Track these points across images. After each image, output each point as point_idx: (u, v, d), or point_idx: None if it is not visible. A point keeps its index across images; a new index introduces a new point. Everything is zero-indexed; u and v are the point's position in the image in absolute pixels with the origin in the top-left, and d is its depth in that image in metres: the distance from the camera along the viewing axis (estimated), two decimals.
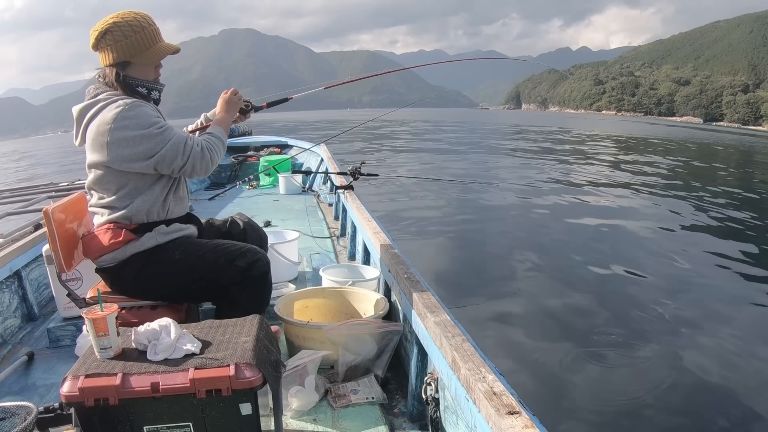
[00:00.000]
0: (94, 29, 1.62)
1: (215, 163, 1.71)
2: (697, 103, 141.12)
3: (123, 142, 1.56)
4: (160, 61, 1.70)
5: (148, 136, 1.58)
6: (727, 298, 5.03)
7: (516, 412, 1.04)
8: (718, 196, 11.30)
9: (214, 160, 1.70)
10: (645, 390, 3.30)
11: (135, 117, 1.57)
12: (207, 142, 1.69)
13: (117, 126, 1.55)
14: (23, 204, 3.60)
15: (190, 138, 1.66)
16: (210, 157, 1.67)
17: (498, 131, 35.55)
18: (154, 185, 1.69)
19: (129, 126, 1.56)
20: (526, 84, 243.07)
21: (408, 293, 1.79)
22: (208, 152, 1.67)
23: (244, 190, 5.93)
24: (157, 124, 1.60)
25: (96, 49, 1.64)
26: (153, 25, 1.66)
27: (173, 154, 1.61)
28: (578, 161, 17.82)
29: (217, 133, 1.78)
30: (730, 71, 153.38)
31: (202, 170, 1.67)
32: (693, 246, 7.00)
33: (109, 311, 1.30)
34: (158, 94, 1.75)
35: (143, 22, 1.63)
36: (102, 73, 1.67)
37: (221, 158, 1.76)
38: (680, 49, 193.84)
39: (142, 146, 1.57)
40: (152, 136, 1.58)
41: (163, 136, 1.60)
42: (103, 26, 1.60)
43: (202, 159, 1.65)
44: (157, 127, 1.60)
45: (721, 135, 47.95)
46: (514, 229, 7.64)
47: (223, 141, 1.77)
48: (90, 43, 1.65)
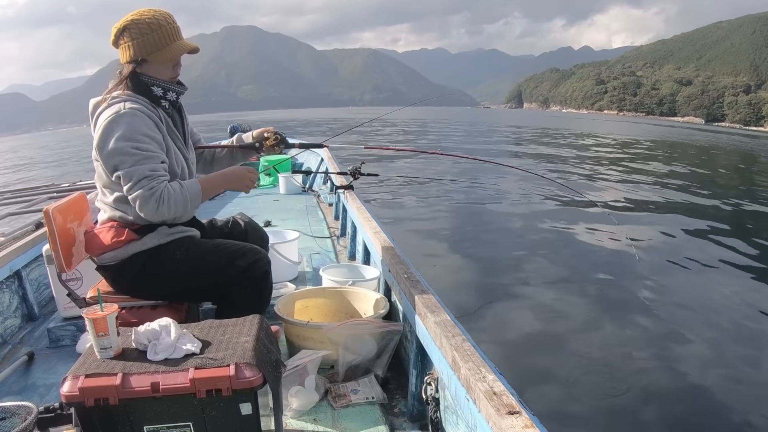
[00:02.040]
0: (115, 26, 1.63)
1: (162, 216, 1.58)
2: (699, 103, 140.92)
3: (103, 145, 1.55)
4: (177, 59, 1.68)
5: (119, 151, 1.53)
6: (728, 299, 5.02)
7: (516, 412, 1.04)
8: (719, 196, 11.28)
9: (161, 214, 1.56)
10: (645, 390, 3.30)
11: (123, 124, 1.53)
12: (167, 194, 1.55)
13: (106, 126, 1.54)
14: (24, 205, 3.61)
15: (150, 177, 1.54)
16: (156, 208, 1.54)
17: (498, 132, 35.50)
18: None
19: (113, 131, 1.54)
20: (527, 83, 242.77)
21: (408, 293, 1.79)
22: (157, 203, 1.54)
23: None
24: (137, 143, 1.54)
25: (116, 45, 1.65)
26: (172, 23, 1.64)
27: (126, 180, 1.54)
28: (578, 162, 17.80)
29: (191, 189, 1.63)
30: (732, 72, 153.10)
31: (145, 214, 1.57)
32: (695, 246, 6.99)
33: (109, 311, 1.30)
34: (175, 96, 1.71)
35: (161, 20, 1.62)
36: (120, 70, 1.67)
37: (174, 215, 1.62)
38: (682, 49, 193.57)
39: (112, 157, 1.54)
40: (124, 152, 1.53)
41: (132, 158, 1.53)
42: (122, 23, 1.61)
43: (145, 204, 1.54)
44: (134, 146, 1.53)
45: (722, 136, 47.86)
46: (514, 228, 7.64)
47: (188, 201, 1.61)
48: (111, 40, 1.66)
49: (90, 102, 1.67)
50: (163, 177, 1.58)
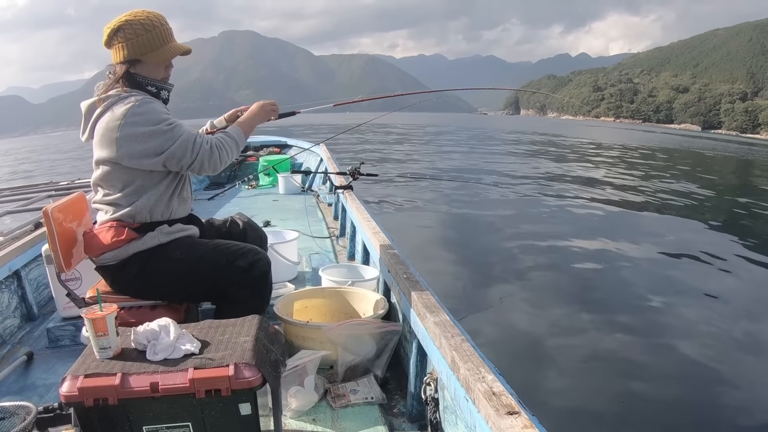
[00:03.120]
0: (107, 26, 1.64)
1: (224, 162, 1.70)
2: (696, 110, 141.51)
3: (133, 138, 1.57)
4: (170, 60, 1.71)
5: (158, 133, 1.58)
6: (729, 300, 5.03)
7: (515, 412, 1.04)
8: (716, 201, 11.33)
9: (223, 159, 1.68)
10: (645, 390, 3.31)
11: (145, 113, 1.57)
12: (218, 141, 1.68)
13: (127, 122, 1.56)
14: (23, 203, 3.60)
15: (199, 136, 1.66)
16: (219, 156, 1.66)
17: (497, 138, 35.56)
18: (159, 184, 1.69)
19: (139, 122, 1.56)
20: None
21: (407, 293, 1.79)
22: (218, 150, 1.66)
23: (244, 190, 5.93)
24: (167, 121, 1.60)
25: (108, 46, 1.65)
26: (165, 24, 1.67)
27: (182, 151, 1.61)
28: (579, 165, 17.86)
29: (233, 133, 1.76)
30: (729, 79, 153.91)
31: (210, 168, 1.66)
32: (698, 245, 7.01)
33: (109, 311, 1.30)
34: (167, 94, 1.75)
35: (155, 21, 1.64)
36: (112, 70, 1.68)
37: (233, 158, 1.74)
38: (679, 56, 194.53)
39: (151, 142, 1.58)
40: (162, 132, 1.58)
41: (173, 132, 1.60)
42: (116, 24, 1.62)
43: (211, 157, 1.64)
44: (167, 124, 1.60)
45: (719, 143, 48.05)
46: (514, 229, 7.65)
47: (237, 142, 1.75)
48: (103, 40, 1.67)
49: (82, 104, 1.67)
50: (202, 133, 1.71)
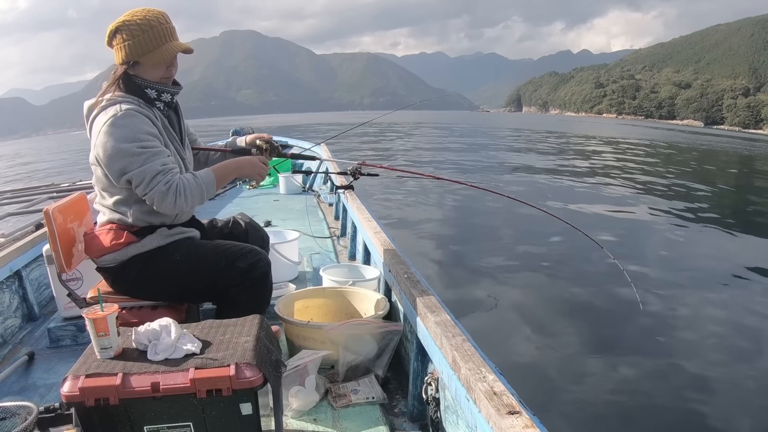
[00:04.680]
0: (109, 27, 1.62)
1: (180, 208, 1.58)
2: (698, 106, 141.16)
3: (104, 149, 1.54)
4: (171, 60, 1.65)
5: (125, 153, 1.51)
6: (729, 301, 5.02)
7: (516, 412, 1.04)
8: (720, 198, 11.29)
9: (179, 206, 1.56)
10: (645, 389, 3.30)
11: (123, 127, 1.52)
12: (182, 185, 1.55)
13: (105, 130, 1.52)
14: (24, 204, 3.61)
15: (163, 172, 1.54)
16: (174, 201, 1.54)
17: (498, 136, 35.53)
18: None
19: (114, 134, 1.52)
20: (527, 87, 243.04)
21: (408, 293, 1.79)
22: (174, 195, 1.53)
23: (245, 190, 5.93)
24: (141, 142, 1.53)
25: (110, 46, 1.63)
26: (165, 23, 1.61)
27: (138, 180, 1.53)
28: (580, 164, 17.82)
29: (204, 179, 1.62)
30: (731, 75, 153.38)
31: (164, 209, 1.57)
32: (699, 245, 6.99)
33: (110, 311, 1.30)
34: (170, 97, 1.70)
35: (153, 21, 1.59)
36: (115, 70, 1.65)
37: (194, 206, 1.63)
38: (681, 52, 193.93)
39: (116, 160, 1.53)
40: (130, 154, 1.51)
41: (140, 157, 1.52)
42: (115, 24, 1.59)
43: (164, 200, 1.53)
44: (139, 146, 1.52)
45: (722, 139, 47.91)
46: (515, 229, 7.64)
47: (203, 190, 1.61)
48: (105, 41, 1.64)
49: (84, 105, 1.66)
50: (174, 170, 1.58)
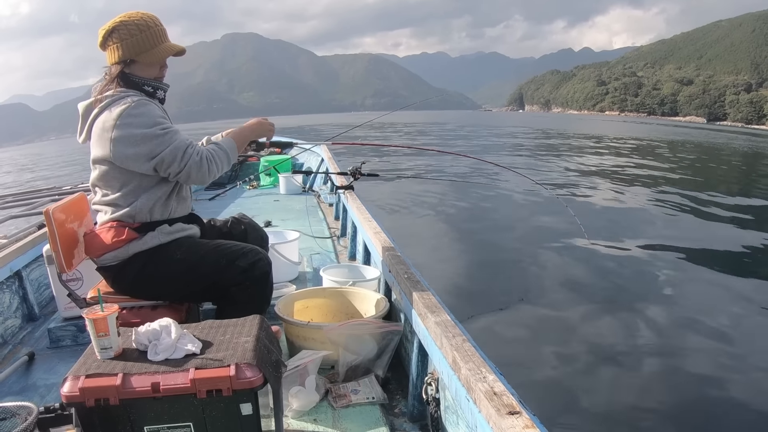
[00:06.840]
0: (102, 28, 1.65)
1: (213, 175, 1.67)
2: (700, 102, 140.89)
3: (126, 140, 1.57)
4: (164, 60, 1.71)
5: (151, 136, 1.57)
6: (729, 302, 5.00)
7: (516, 412, 1.03)
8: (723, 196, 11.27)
9: (212, 172, 1.66)
10: (645, 390, 3.30)
11: (140, 115, 1.57)
12: (210, 153, 1.66)
13: (122, 123, 1.56)
14: (26, 208, 3.62)
15: (191, 145, 1.63)
16: (208, 168, 1.64)
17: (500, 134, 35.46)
18: (158, 184, 1.69)
19: (133, 124, 1.56)
20: (528, 85, 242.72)
21: (408, 293, 1.78)
22: (207, 163, 1.63)
23: (245, 190, 5.93)
24: (162, 125, 1.59)
25: (103, 47, 1.66)
26: (159, 25, 1.68)
27: (171, 158, 1.59)
28: (582, 163, 17.79)
29: (225, 146, 1.74)
30: (733, 70, 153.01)
31: (198, 179, 1.65)
32: (699, 244, 6.98)
33: (110, 311, 1.30)
34: (163, 94, 1.75)
35: (149, 22, 1.65)
36: (108, 71, 1.68)
37: (222, 171, 1.72)
38: (683, 48, 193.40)
39: (144, 146, 1.57)
40: (155, 136, 1.57)
41: (166, 137, 1.58)
42: (110, 25, 1.63)
43: (200, 169, 1.62)
44: (161, 128, 1.59)
45: (725, 134, 47.80)
46: (515, 229, 7.63)
47: (228, 155, 1.73)
48: (98, 42, 1.67)
49: (79, 105, 1.68)
50: (195, 143, 1.68)
